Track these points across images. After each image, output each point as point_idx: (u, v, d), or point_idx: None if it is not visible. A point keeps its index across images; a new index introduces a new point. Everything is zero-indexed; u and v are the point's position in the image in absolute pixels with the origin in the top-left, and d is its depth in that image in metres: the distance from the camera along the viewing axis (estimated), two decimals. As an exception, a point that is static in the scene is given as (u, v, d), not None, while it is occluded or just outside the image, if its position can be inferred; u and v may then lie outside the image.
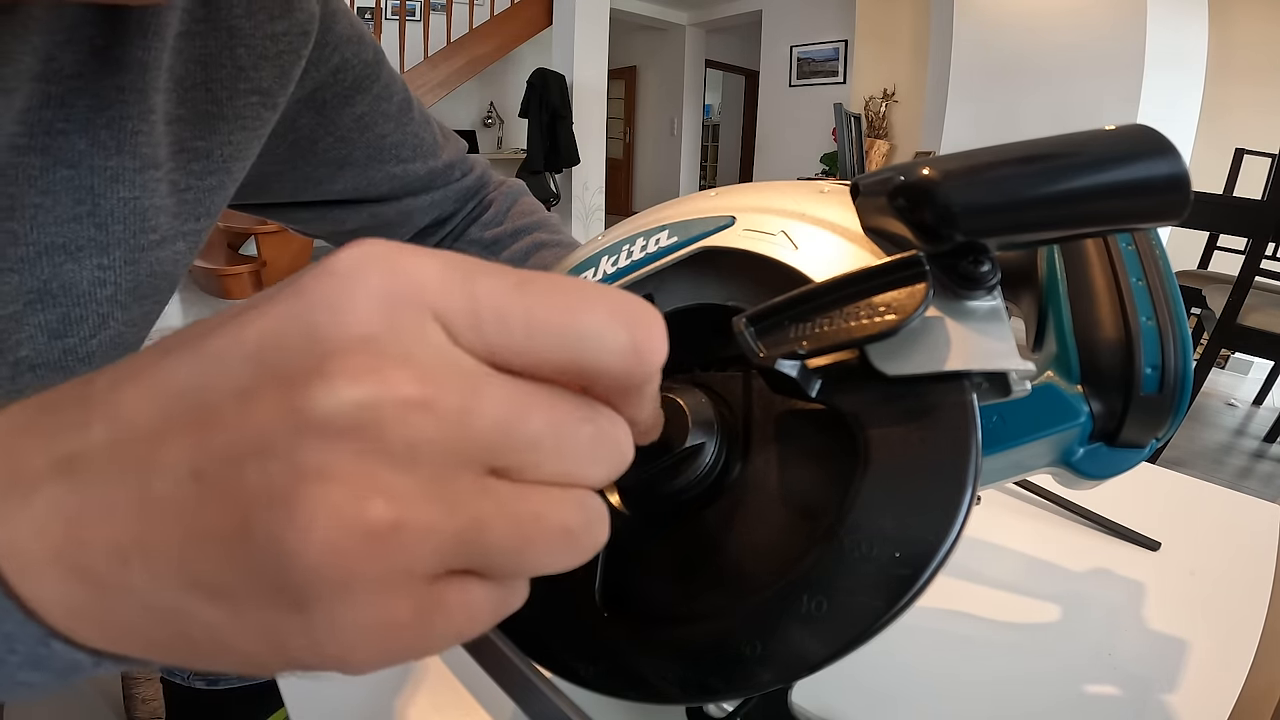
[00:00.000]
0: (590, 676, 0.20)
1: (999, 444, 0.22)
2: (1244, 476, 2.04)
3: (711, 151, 8.29)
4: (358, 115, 0.44)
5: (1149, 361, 0.22)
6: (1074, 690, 0.32)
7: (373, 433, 0.11)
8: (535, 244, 0.54)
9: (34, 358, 0.29)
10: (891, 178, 0.19)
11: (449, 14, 4.06)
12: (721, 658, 0.19)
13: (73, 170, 0.27)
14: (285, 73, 0.36)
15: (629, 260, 0.26)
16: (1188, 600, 0.39)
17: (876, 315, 0.18)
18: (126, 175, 0.29)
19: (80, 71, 0.26)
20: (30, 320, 0.28)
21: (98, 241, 0.29)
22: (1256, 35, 2.90)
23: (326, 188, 0.46)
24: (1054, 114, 3.15)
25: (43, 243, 0.27)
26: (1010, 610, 0.38)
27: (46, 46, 0.25)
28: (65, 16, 0.25)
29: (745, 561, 0.21)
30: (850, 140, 3.13)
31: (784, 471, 0.21)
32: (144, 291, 0.32)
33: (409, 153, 0.49)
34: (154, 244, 0.31)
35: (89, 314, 0.30)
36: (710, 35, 6.81)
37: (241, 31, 0.32)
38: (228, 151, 0.34)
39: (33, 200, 0.26)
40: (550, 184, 4.39)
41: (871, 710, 0.31)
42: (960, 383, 0.18)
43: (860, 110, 4.49)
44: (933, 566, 0.17)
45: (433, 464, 0.11)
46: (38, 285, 0.28)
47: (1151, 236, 0.25)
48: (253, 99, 0.34)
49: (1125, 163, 0.17)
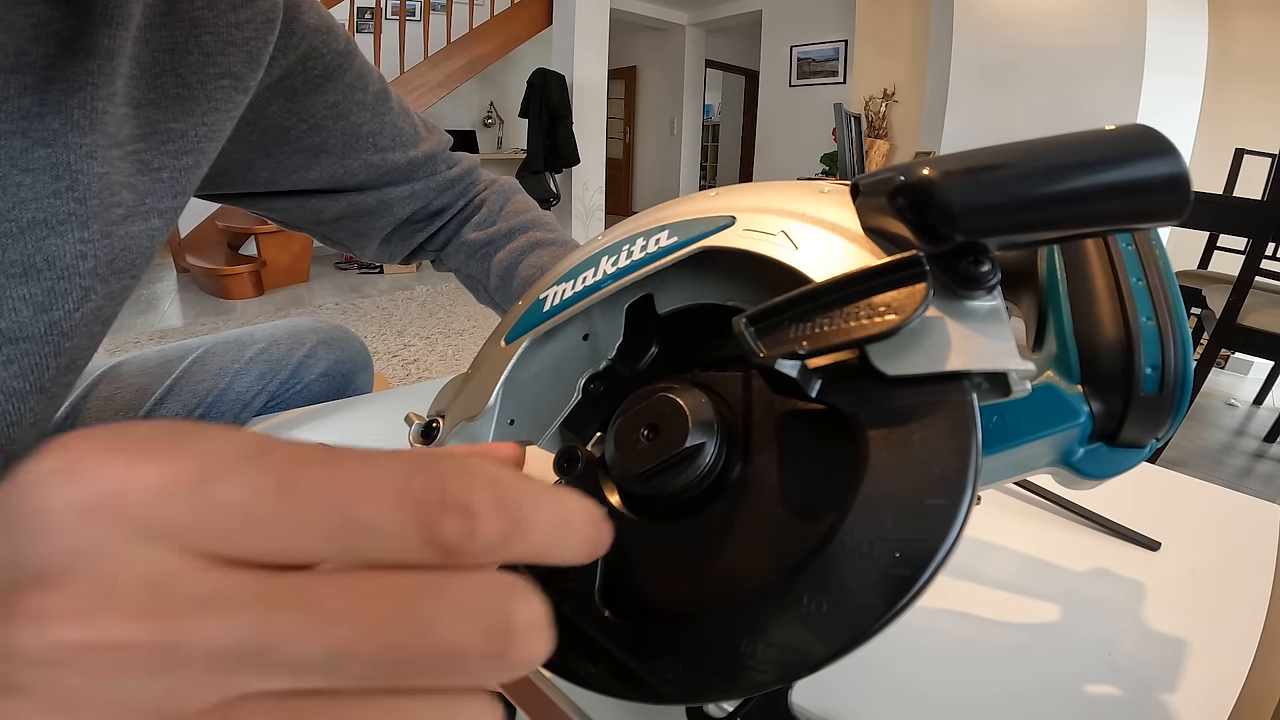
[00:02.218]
0: (590, 676, 0.20)
1: (999, 444, 0.22)
2: (1244, 476, 2.04)
3: (711, 151, 8.29)
4: (331, 103, 0.45)
5: (1149, 361, 0.22)
6: (1074, 690, 0.32)
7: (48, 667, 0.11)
8: (531, 243, 0.54)
9: (15, 330, 0.30)
10: (891, 178, 0.19)
11: (449, 14, 4.07)
12: (721, 658, 0.19)
13: (49, 149, 0.28)
14: (254, 56, 0.37)
15: (629, 260, 0.27)
16: (1188, 600, 0.39)
17: (876, 315, 0.18)
18: (99, 152, 0.30)
19: (51, 62, 0.28)
20: (14, 293, 0.29)
21: (78, 216, 0.30)
22: (1256, 36, 2.90)
23: (303, 175, 0.47)
24: (1054, 114, 3.15)
25: (25, 219, 0.29)
26: (1010, 610, 0.38)
27: (16, 43, 0.27)
28: (32, 15, 0.27)
29: (745, 561, 0.21)
30: (850, 140, 3.13)
31: (784, 471, 0.21)
32: (120, 265, 0.34)
33: (387, 142, 0.49)
34: (121, 218, 0.33)
35: (73, 287, 0.31)
36: (710, 35, 6.81)
37: (204, 21, 0.34)
38: (202, 132, 0.36)
39: (14, 179, 0.28)
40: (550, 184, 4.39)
41: (871, 710, 0.31)
42: (960, 383, 0.18)
43: (860, 110, 4.49)
44: (933, 566, 0.17)
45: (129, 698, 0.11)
46: (22, 260, 0.29)
47: (1151, 236, 0.25)
48: (224, 82, 0.36)
49: (1125, 163, 0.17)
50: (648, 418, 0.22)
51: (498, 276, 0.54)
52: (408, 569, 0.12)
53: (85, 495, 0.11)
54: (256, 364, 0.60)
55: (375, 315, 3.23)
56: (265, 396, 0.60)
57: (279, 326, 0.64)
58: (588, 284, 0.27)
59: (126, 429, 0.12)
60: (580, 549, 0.14)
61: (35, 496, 0.11)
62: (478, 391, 0.30)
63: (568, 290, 0.28)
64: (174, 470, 0.12)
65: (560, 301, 0.28)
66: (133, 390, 0.56)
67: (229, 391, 0.58)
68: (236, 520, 0.11)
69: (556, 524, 0.13)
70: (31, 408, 0.33)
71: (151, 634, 0.11)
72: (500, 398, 0.29)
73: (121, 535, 0.11)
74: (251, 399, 0.59)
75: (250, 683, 0.11)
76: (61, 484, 0.11)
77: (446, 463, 0.12)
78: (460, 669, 0.12)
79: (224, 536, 0.12)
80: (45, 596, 0.11)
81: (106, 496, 0.11)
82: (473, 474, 0.12)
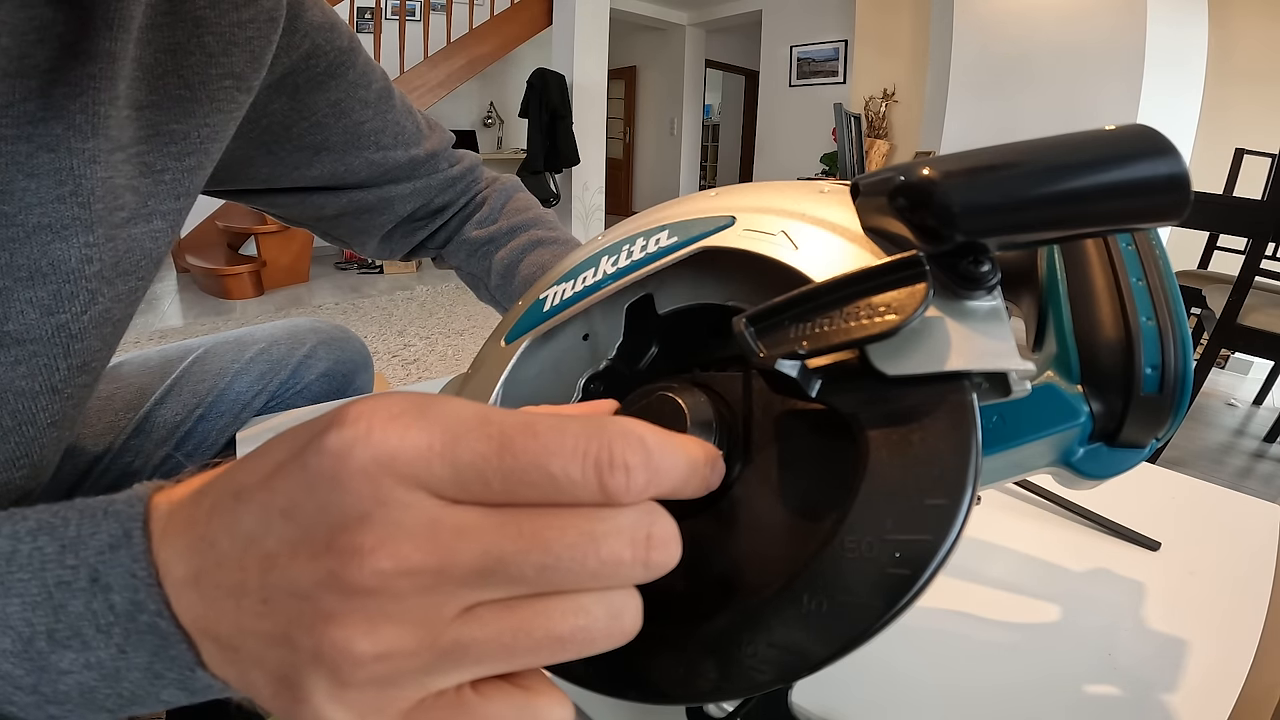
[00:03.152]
0: (590, 676, 0.20)
1: (999, 444, 0.22)
2: (1244, 476, 2.04)
3: (711, 151, 8.29)
4: (333, 101, 0.45)
5: (1149, 361, 0.22)
6: (1074, 690, 0.32)
7: (368, 592, 0.15)
8: (531, 242, 0.54)
9: (22, 333, 0.30)
10: (891, 178, 0.19)
11: (449, 14, 4.07)
12: (721, 658, 0.19)
13: (53, 154, 0.28)
14: (257, 57, 0.37)
15: (629, 260, 0.27)
16: (1188, 600, 0.39)
17: (876, 315, 0.18)
18: (102, 156, 0.30)
19: (55, 65, 0.28)
20: (21, 296, 0.29)
21: (82, 220, 0.30)
22: (1256, 35, 2.90)
23: (304, 172, 0.47)
24: (1054, 114, 3.14)
25: (30, 224, 0.29)
26: (1010, 610, 0.38)
27: (20, 46, 0.27)
28: (35, 18, 0.27)
29: (745, 561, 0.21)
30: (850, 140, 3.13)
31: (784, 471, 0.21)
32: (126, 268, 0.34)
33: (389, 140, 0.49)
34: (124, 221, 0.33)
35: (79, 290, 0.31)
36: (710, 35, 6.81)
37: (207, 20, 0.34)
38: (205, 133, 0.36)
39: (19, 184, 0.28)
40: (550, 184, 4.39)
41: (871, 710, 0.31)
42: (960, 383, 0.18)
43: (860, 110, 4.49)
44: (933, 567, 0.17)
45: (414, 609, 0.15)
46: (28, 263, 0.29)
47: (1151, 236, 0.25)
48: (226, 83, 0.36)
49: (1125, 163, 0.17)
50: (646, 417, 0.22)
51: (499, 274, 0.54)
52: (583, 506, 0.16)
53: (376, 455, 0.15)
54: (256, 364, 0.60)
55: (375, 315, 3.23)
56: (265, 396, 0.60)
57: (279, 326, 0.64)
58: (588, 284, 0.27)
59: (393, 400, 0.16)
60: (699, 487, 0.18)
61: (339, 454, 0.15)
62: (478, 391, 0.30)
63: (568, 290, 0.28)
64: (429, 437, 0.15)
65: (560, 301, 0.28)
66: (133, 390, 0.56)
67: (229, 391, 0.58)
68: (473, 474, 0.15)
69: (685, 472, 0.17)
70: (44, 408, 0.33)
71: (431, 558, 0.15)
72: (500, 398, 0.29)
73: (403, 486, 0.15)
74: (251, 399, 0.59)
75: (484, 593, 0.16)
76: (361, 447, 0.15)
77: (611, 429, 0.16)
78: (619, 573, 0.16)
79: (464, 485, 0.15)
80: (362, 536, 0.15)
81: (391, 456, 0.15)
82: (629, 438, 0.16)
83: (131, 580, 0.17)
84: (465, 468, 0.15)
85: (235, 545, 0.16)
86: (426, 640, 0.15)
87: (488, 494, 0.16)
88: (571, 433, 0.16)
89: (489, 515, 0.16)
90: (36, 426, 0.33)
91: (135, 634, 0.17)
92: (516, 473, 0.15)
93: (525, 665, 0.16)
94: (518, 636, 0.16)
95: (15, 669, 0.17)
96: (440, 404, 0.16)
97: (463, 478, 0.15)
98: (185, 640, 0.17)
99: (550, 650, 0.16)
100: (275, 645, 0.16)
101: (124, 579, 0.17)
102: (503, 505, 0.16)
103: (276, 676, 0.16)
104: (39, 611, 0.17)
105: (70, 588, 0.17)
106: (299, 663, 0.15)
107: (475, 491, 0.15)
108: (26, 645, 0.17)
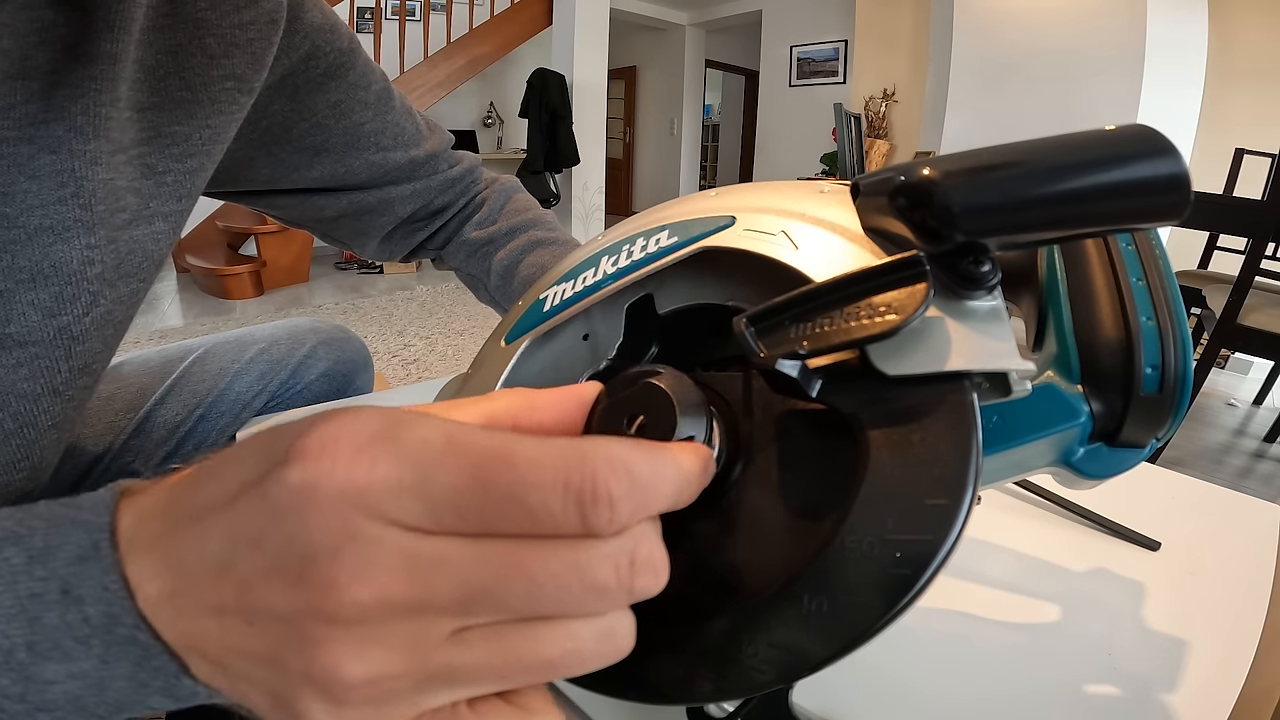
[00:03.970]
0: (590, 677, 0.20)
1: (999, 444, 0.22)
2: (1244, 476, 2.04)
3: (711, 151, 8.29)
4: (333, 102, 0.45)
5: (1149, 361, 0.22)
6: (1074, 690, 0.32)
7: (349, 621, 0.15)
8: (531, 242, 0.54)
9: (24, 335, 0.30)
10: (891, 178, 0.19)
11: (449, 14, 4.06)
12: (721, 658, 0.19)
13: (54, 155, 0.28)
14: (258, 58, 0.37)
15: (629, 260, 0.27)
16: (1188, 600, 0.39)
17: (877, 315, 0.18)
18: (104, 158, 0.30)
19: (56, 68, 0.28)
20: (22, 298, 0.29)
21: (83, 222, 0.30)
22: (1256, 35, 2.90)
23: (304, 174, 0.47)
24: (1054, 114, 3.14)
25: (31, 225, 0.29)
26: (1010, 610, 0.38)
27: (21, 48, 0.27)
28: (37, 20, 0.27)
29: (746, 561, 0.21)
30: (850, 140, 3.13)
31: (784, 471, 0.21)
32: (128, 270, 0.34)
33: (389, 141, 0.49)
34: (126, 223, 0.33)
35: (81, 292, 0.31)
36: (710, 35, 6.81)
37: (208, 22, 0.34)
38: (206, 135, 0.36)
39: (21, 186, 0.28)
40: (550, 184, 4.39)
41: (871, 710, 0.31)
42: (960, 383, 0.18)
43: (860, 110, 4.49)
44: (933, 567, 0.17)
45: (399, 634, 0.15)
46: (30, 265, 0.29)
47: (1151, 236, 0.25)
48: (227, 84, 0.36)
49: (1125, 163, 0.17)
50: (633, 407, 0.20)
51: (498, 275, 0.54)
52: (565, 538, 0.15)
53: (343, 491, 0.15)
54: (257, 364, 0.60)
55: (375, 315, 3.23)
56: (265, 397, 0.60)
57: (279, 327, 0.64)
58: (588, 284, 0.27)
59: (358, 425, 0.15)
60: (693, 496, 0.18)
61: (303, 490, 0.15)
62: (478, 392, 0.30)
63: (568, 290, 0.28)
64: (399, 470, 0.15)
65: (560, 301, 0.28)
66: (133, 390, 0.56)
67: (229, 391, 0.58)
68: (447, 508, 0.15)
69: (676, 488, 0.17)
70: (46, 409, 0.33)
71: (411, 590, 0.15)
72: (500, 398, 0.29)
73: (371, 520, 0.15)
74: (251, 399, 0.59)
75: (470, 619, 0.15)
76: (326, 483, 0.15)
77: (594, 456, 0.15)
78: (605, 598, 0.16)
79: (438, 519, 0.15)
80: (334, 570, 0.14)
81: (359, 493, 0.15)
82: (614, 465, 0.15)
83: (104, 594, 0.17)
84: (438, 502, 0.15)
85: (205, 568, 0.16)
86: (416, 663, 0.15)
87: (464, 526, 0.15)
88: (550, 463, 0.15)
89: (467, 546, 0.15)
90: (38, 429, 0.33)
91: (115, 645, 0.17)
92: (491, 506, 0.15)
93: (519, 685, 0.16)
94: (508, 659, 0.16)
95: (1, 679, 0.17)
96: (408, 429, 0.15)
97: (436, 512, 0.15)
98: (167, 652, 0.17)
99: (542, 671, 0.16)
100: (265, 665, 0.16)
101: (96, 592, 0.17)
102: (481, 536, 0.15)
103: (270, 693, 0.16)
104: (15, 624, 0.17)
105: (43, 600, 0.17)
106: (292, 683, 0.15)
107: (450, 524, 0.15)
108: (8, 656, 0.17)
